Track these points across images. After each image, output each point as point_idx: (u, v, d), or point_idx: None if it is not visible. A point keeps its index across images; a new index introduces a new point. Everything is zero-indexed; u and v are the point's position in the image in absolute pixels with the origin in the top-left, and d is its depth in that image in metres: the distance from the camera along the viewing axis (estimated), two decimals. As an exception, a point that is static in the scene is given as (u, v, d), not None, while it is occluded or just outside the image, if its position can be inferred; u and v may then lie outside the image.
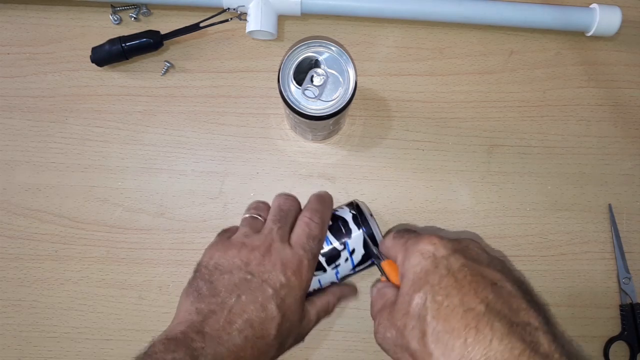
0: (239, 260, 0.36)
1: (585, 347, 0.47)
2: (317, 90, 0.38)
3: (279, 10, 0.47)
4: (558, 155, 0.49)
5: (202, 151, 0.49)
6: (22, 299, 0.47)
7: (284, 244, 0.37)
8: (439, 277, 0.29)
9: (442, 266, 0.30)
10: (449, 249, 0.31)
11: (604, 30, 0.49)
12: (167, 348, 0.32)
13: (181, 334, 0.33)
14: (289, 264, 0.36)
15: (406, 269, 0.32)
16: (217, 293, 0.35)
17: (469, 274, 0.29)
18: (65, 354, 0.46)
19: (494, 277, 0.29)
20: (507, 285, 0.29)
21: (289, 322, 0.36)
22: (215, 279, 0.36)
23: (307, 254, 0.37)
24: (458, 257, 0.30)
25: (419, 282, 0.30)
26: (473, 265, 0.30)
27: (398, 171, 0.49)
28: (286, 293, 0.35)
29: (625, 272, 0.48)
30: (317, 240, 0.39)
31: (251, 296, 0.35)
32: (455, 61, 0.51)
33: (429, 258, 0.31)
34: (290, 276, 0.36)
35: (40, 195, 0.48)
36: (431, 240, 0.32)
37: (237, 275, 0.35)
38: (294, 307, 0.36)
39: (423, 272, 0.30)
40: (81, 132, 0.49)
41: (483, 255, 0.32)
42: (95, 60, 0.47)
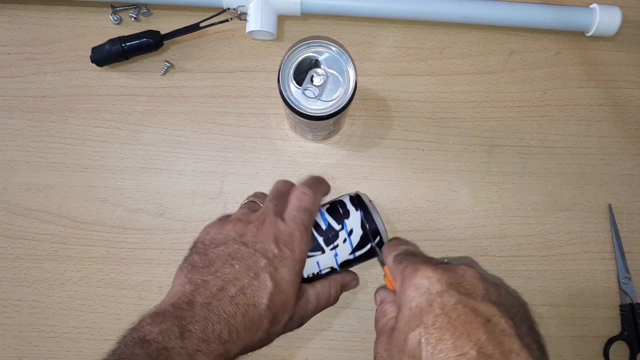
0: (234, 233, 0.37)
1: (585, 347, 0.47)
2: (317, 90, 0.38)
3: (279, 10, 0.47)
4: (558, 155, 0.49)
5: (202, 151, 0.49)
6: (22, 299, 0.47)
7: (276, 217, 0.38)
8: (433, 317, 0.30)
9: (436, 305, 0.30)
10: (443, 283, 0.31)
11: (604, 30, 0.49)
12: (154, 320, 0.32)
13: (170, 306, 0.33)
14: (281, 236, 0.37)
15: (402, 302, 0.32)
16: (211, 264, 0.35)
17: (463, 313, 0.29)
18: (65, 354, 0.46)
19: (489, 312, 0.29)
20: (501, 322, 0.29)
21: (282, 294, 0.36)
22: (210, 251, 0.36)
23: (297, 225, 0.38)
24: (452, 294, 0.30)
25: (414, 320, 0.30)
26: (467, 302, 0.30)
27: (398, 171, 0.49)
28: (279, 263, 0.36)
29: (625, 272, 0.48)
30: (308, 212, 0.39)
31: (244, 264, 0.35)
32: (455, 61, 0.51)
33: (423, 294, 0.31)
34: (282, 247, 0.36)
35: (40, 195, 0.48)
36: (426, 274, 0.32)
37: (231, 247, 0.36)
38: (287, 279, 0.36)
39: (418, 310, 0.31)
40: (81, 132, 0.49)
41: (479, 285, 0.32)
42: (95, 60, 0.47)
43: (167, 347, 0.30)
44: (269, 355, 0.46)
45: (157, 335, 0.31)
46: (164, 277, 0.47)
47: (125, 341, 0.31)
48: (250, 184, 0.48)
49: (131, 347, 0.30)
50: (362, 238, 0.40)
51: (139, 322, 0.32)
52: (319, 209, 0.41)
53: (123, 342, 0.31)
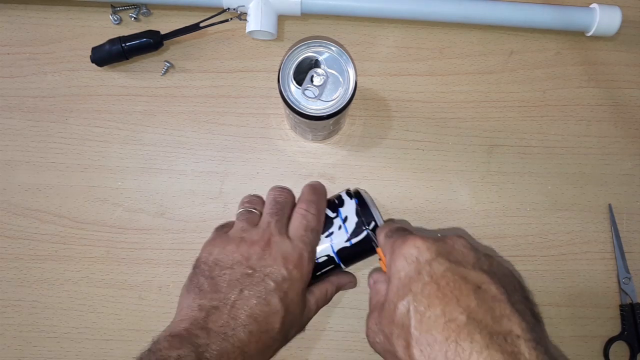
0: (239, 255, 0.36)
1: (585, 347, 0.47)
2: (317, 90, 0.38)
3: (279, 10, 0.47)
4: (558, 155, 0.49)
5: (202, 151, 0.49)
6: (22, 299, 0.47)
7: (282, 237, 0.37)
8: (421, 285, 0.29)
9: (424, 272, 0.30)
10: (432, 252, 0.31)
11: (604, 30, 0.49)
12: (172, 345, 0.31)
13: (185, 331, 0.32)
14: (290, 258, 0.36)
15: (392, 273, 0.32)
16: (219, 289, 0.35)
17: (452, 280, 0.29)
18: (65, 354, 0.46)
19: (479, 279, 0.29)
20: (492, 289, 0.28)
21: (292, 314, 0.36)
22: (216, 274, 0.36)
23: (306, 246, 0.37)
24: (441, 262, 0.30)
25: (402, 289, 0.30)
26: (457, 269, 0.29)
27: (398, 171, 0.49)
28: (288, 286, 0.35)
29: (625, 272, 0.48)
30: (315, 231, 0.39)
31: (253, 291, 0.35)
32: (455, 61, 0.51)
33: (412, 263, 0.31)
34: (292, 269, 0.36)
35: (40, 195, 0.48)
36: (415, 243, 0.31)
37: (238, 271, 0.35)
38: (297, 300, 0.36)
39: (407, 279, 0.30)
40: (81, 132, 0.49)
41: (469, 254, 0.31)
42: (95, 60, 0.47)
43: None
44: (269, 355, 0.46)
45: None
46: (164, 277, 0.47)
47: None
48: (250, 184, 0.48)
49: None
50: (357, 224, 0.40)
51: (155, 344, 0.32)
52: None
53: None
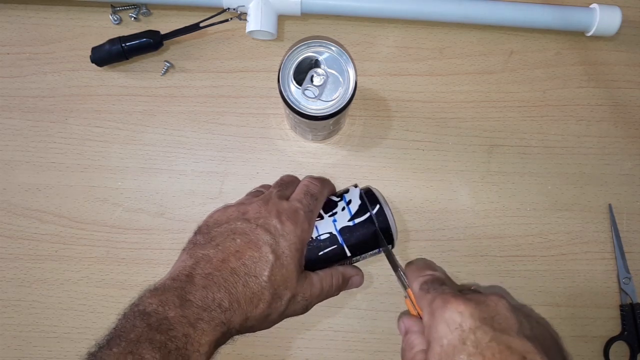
0: (237, 212, 0.37)
1: (585, 347, 0.47)
2: (317, 90, 0.38)
3: (279, 10, 0.47)
4: (558, 155, 0.49)
5: (202, 151, 0.49)
6: (22, 299, 0.47)
7: (281, 199, 0.38)
8: (466, 356, 0.29)
9: (469, 342, 0.29)
10: (476, 319, 0.30)
11: (604, 30, 0.49)
12: (154, 294, 0.32)
13: (170, 280, 0.33)
14: (284, 212, 0.37)
15: (432, 338, 0.31)
16: (213, 239, 0.36)
17: (498, 351, 0.28)
18: (65, 354, 0.46)
19: (524, 349, 0.29)
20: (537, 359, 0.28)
21: (283, 267, 0.35)
22: (213, 230, 0.37)
23: (303, 206, 0.38)
24: (486, 330, 0.30)
25: (446, 359, 0.30)
26: (501, 338, 0.29)
27: (398, 171, 0.49)
28: (280, 237, 0.36)
29: (625, 272, 0.48)
30: (314, 198, 0.39)
31: (245, 238, 0.35)
32: (455, 61, 0.51)
33: (455, 330, 0.30)
34: (285, 221, 0.36)
35: (40, 195, 0.48)
36: (457, 308, 0.31)
37: (233, 224, 0.36)
38: (289, 253, 0.36)
39: (450, 347, 0.30)
40: (81, 132, 0.49)
41: (512, 318, 0.31)
42: (95, 60, 0.47)
43: (168, 316, 0.31)
44: (269, 355, 0.46)
45: (157, 307, 0.31)
46: (164, 277, 0.47)
47: (125, 316, 0.31)
48: (250, 184, 0.48)
49: (132, 320, 0.31)
50: (361, 206, 0.40)
51: (139, 297, 0.32)
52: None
53: (123, 317, 0.31)
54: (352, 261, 0.42)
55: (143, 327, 0.30)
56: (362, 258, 0.42)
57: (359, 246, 0.40)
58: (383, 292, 0.47)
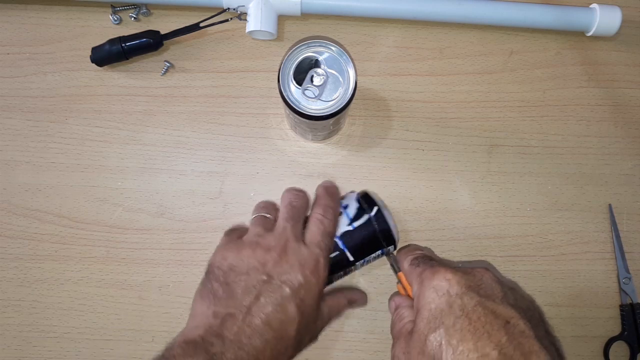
0: (255, 261, 0.36)
1: (585, 347, 0.47)
2: (317, 90, 0.38)
3: (279, 10, 0.47)
4: (558, 155, 0.49)
5: (202, 151, 0.49)
6: (22, 299, 0.47)
7: (299, 242, 0.37)
8: (453, 318, 0.30)
9: (456, 306, 0.30)
10: (462, 285, 0.31)
11: (604, 30, 0.49)
12: (186, 352, 0.31)
13: (199, 338, 0.32)
14: (307, 264, 0.36)
15: (421, 305, 0.32)
16: (234, 295, 0.34)
17: (483, 315, 0.30)
18: (65, 354, 0.46)
19: (507, 314, 0.30)
20: (520, 324, 0.30)
21: (307, 321, 0.36)
22: (232, 280, 0.35)
23: (322, 252, 0.37)
24: (472, 296, 0.31)
25: (433, 322, 0.31)
26: (487, 304, 0.30)
27: (398, 171, 0.49)
28: (305, 293, 0.35)
29: (625, 272, 0.48)
30: (331, 236, 0.39)
31: (270, 297, 0.34)
32: (455, 61, 0.51)
33: (443, 296, 0.31)
34: (309, 276, 0.35)
35: (40, 195, 0.48)
36: (445, 276, 0.32)
37: (254, 277, 0.35)
38: (313, 306, 0.36)
39: (437, 311, 0.31)
40: (81, 132, 0.49)
41: (496, 288, 0.32)
42: (95, 60, 0.47)
43: None
44: (269, 355, 0.46)
45: None
46: (164, 277, 0.47)
47: None
48: (250, 184, 0.48)
49: None
50: (358, 210, 0.40)
51: (169, 350, 0.32)
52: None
53: None
54: (357, 266, 0.41)
55: None
56: (366, 262, 0.41)
57: (361, 249, 0.40)
58: (383, 293, 0.47)
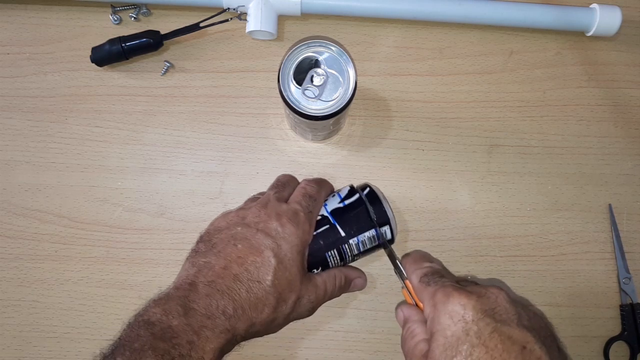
0: (236, 217, 0.37)
1: (585, 347, 0.47)
2: (317, 90, 0.38)
3: (279, 10, 0.47)
4: (558, 155, 0.49)
5: (202, 151, 0.49)
6: (22, 299, 0.47)
7: (280, 202, 0.38)
8: (470, 346, 0.30)
9: (472, 333, 0.30)
10: (478, 311, 0.31)
11: (604, 30, 0.49)
12: (157, 303, 0.32)
13: (173, 289, 0.33)
14: (284, 214, 0.37)
15: (436, 330, 0.32)
16: (214, 246, 0.36)
17: (500, 342, 0.30)
18: (65, 354, 0.46)
19: (523, 339, 0.30)
20: (536, 349, 0.30)
21: (287, 271, 0.35)
22: (213, 237, 0.37)
23: (302, 207, 0.38)
24: (488, 322, 0.31)
25: (450, 350, 0.30)
26: (503, 329, 0.30)
27: (398, 171, 0.49)
28: (282, 240, 0.36)
29: (625, 272, 0.48)
30: (313, 199, 0.39)
31: (247, 243, 0.35)
32: (455, 61, 0.51)
33: (459, 322, 0.31)
34: (286, 223, 0.36)
35: (40, 195, 0.48)
36: (460, 301, 0.32)
37: (233, 229, 0.36)
38: (291, 256, 0.36)
39: (454, 339, 0.31)
40: (81, 132, 0.49)
41: (511, 310, 0.32)
42: (95, 60, 0.47)
43: (171, 325, 0.31)
44: (269, 355, 0.46)
45: (160, 316, 0.31)
46: (164, 277, 0.47)
47: (130, 325, 0.31)
48: (250, 184, 0.48)
49: (136, 330, 0.31)
50: (350, 190, 0.42)
51: (144, 307, 0.32)
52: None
53: (128, 326, 0.32)
54: (352, 247, 0.40)
55: (147, 336, 0.30)
56: (361, 244, 0.40)
57: (351, 224, 0.40)
58: (383, 293, 0.47)
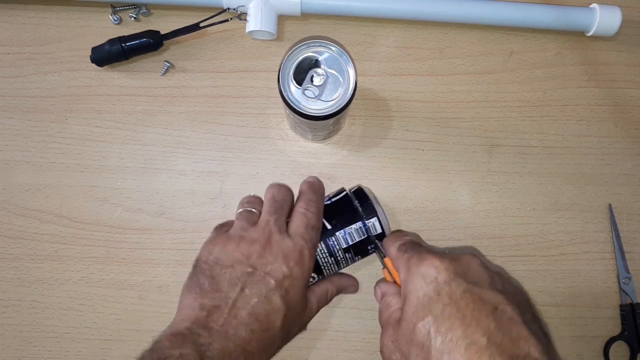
0: (239, 253, 0.36)
1: (585, 347, 0.47)
2: (317, 90, 0.38)
3: (279, 10, 0.47)
4: (558, 155, 0.49)
5: (202, 151, 0.49)
6: (22, 299, 0.47)
7: (282, 235, 0.37)
8: (441, 306, 0.30)
9: (444, 293, 0.30)
10: (450, 272, 0.31)
11: (604, 30, 0.49)
12: (174, 344, 0.31)
13: (187, 330, 0.33)
14: (291, 255, 0.36)
15: (409, 291, 0.32)
16: (220, 288, 0.35)
17: (471, 301, 0.30)
18: (65, 354, 0.46)
19: (495, 300, 0.30)
20: (508, 310, 0.30)
21: (293, 312, 0.36)
22: (217, 273, 0.36)
23: (307, 243, 0.37)
24: (460, 282, 0.31)
25: (422, 310, 0.30)
26: (474, 290, 0.30)
27: (398, 171, 0.49)
28: (289, 284, 0.35)
29: (625, 272, 0.48)
30: (315, 229, 0.39)
31: (254, 289, 0.35)
32: (455, 61, 0.51)
33: (431, 283, 0.31)
34: (293, 267, 0.36)
35: (40, 195, 0.48)
36: (433, 263, 0.32)
37: (238, 269, 0.35)
38: (298, 297, 0.36)
39: (426, 299, 0.31)
40: (81, 132, 0.49)
41: (484, 273, 0.32)
42: (95, 60, 0.47)
43: None
44: (269, 355, 0.46)
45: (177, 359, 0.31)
46: (164, 277, 0.47)
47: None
48: (250, 184, 0.48)
49: None
50: (338, 191, 0.42)
51: (157, 343, 0.32)
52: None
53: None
54: (337, 238, 0.40)
55: None
56: (347, 234, 0.40)
57: (337, 218, 0.40)
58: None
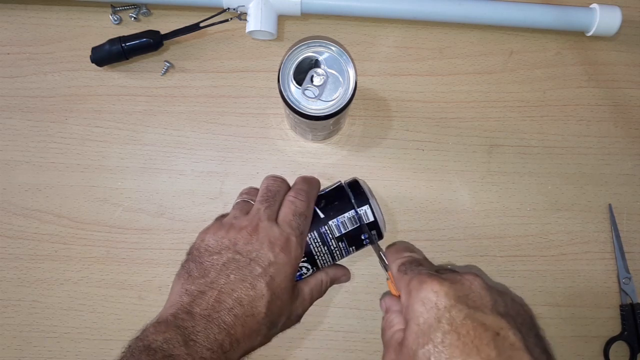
0: (227, 240, 0.37)
1: (585, 347, 0.47)
2: (317, 90, 0.38)
3: (279, 10, 0.47)
4: (558, 155, 0.49)
5: (202, 151, 0.49)
6: (22, 299, 0.47)
7: (271, 222, 0.38)
8: (442, 333, 0.30)
9: (444, 320, 0.30)
10: (450, 297, 0.31)
11: (604, 30, 0.49)
12: (158, 330, 0.32)
13: (171, 316, 0.33)
14: (277, 242, 0.36)
15: (409, 317, 0.32)
16: (206, 274, 0.36)
17: (472, 328, 0.29)
18: (65, 354, 0.46)
19: (497, 325, 0.30)
20: (510, 336, 0.29)
21: (279, 299, 0.36)
22: (204, 260, 0.36)
23: (294, 231, 0.38)
24: (460, 308, 0.30)
25: (422, 337, 0.30)
26: (475, 315, 0.30)
27: (398, 171, 0.49)
28: (275, 270, 0.36)
29: (625, 272, 0.48)
30: (304, 217, 0.39)
31: (239, 275, 0.35)
32: (455, 61, 0.51)
33: (431, 309, 0.31)
34: (278, 253, 0.36)
35: (40, 195, 0.48)
36: (433, 287, 0.32)
37: (225, 256, 0.36)
38: (284, 285, 0.36)
39: (426, 326, 0.30)
40: (81, 132, 0.49)
41: (486, 296, 0.32)
42: (95, 60, 0.47)
43: (173, 354, 0.31)
44: (269, 355, 0.46)
45: (161, 344, 0.31)
46: (164, 277, 0.47)
47: (130, 350, 0.31)
48: (250, 184, 0.48)
49: (137, 355, 0.31)
50: (334, 183, 0.43)
51: (143, 332, 0.33)
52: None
53: (129, 350, 0.32)
54: (330, 226, 0.40)
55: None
56: (340, 224, 0.40)
57: (330, 206, 0.40)
58: (383, 293, 0.47)
